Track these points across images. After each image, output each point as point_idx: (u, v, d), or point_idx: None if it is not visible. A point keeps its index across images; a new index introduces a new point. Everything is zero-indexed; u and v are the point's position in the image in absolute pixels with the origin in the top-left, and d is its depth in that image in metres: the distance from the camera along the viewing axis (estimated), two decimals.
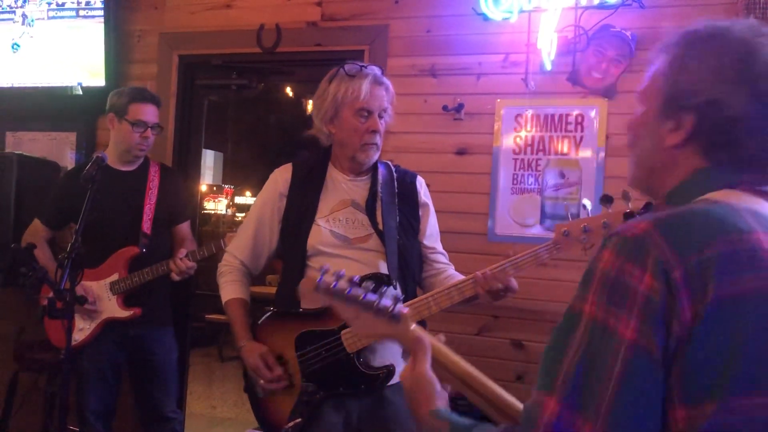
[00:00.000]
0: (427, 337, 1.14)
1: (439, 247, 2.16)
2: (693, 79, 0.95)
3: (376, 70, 2.05)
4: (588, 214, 1.84)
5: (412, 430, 2.01)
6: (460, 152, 2.98)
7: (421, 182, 2.18)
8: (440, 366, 1.12)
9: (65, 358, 2.07)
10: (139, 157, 2.87)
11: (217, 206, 10.09)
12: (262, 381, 1.97)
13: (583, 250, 1.79)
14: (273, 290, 2.25)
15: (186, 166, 3.52)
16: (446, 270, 2.14)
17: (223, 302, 2.12)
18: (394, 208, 2.05)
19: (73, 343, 2.12)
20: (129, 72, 3.54)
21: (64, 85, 3.53)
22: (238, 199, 10.66)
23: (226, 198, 10.27)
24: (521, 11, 2.82)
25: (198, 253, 2.71)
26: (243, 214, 10.13)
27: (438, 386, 1.09)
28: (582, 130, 2.82)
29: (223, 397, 5.43)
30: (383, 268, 1.97)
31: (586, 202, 1.92)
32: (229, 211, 10.26)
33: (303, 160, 2.22)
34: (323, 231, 2.00)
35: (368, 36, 3.14)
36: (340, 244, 2.00)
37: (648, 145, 1.02)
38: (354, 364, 1.91)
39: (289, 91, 7.07)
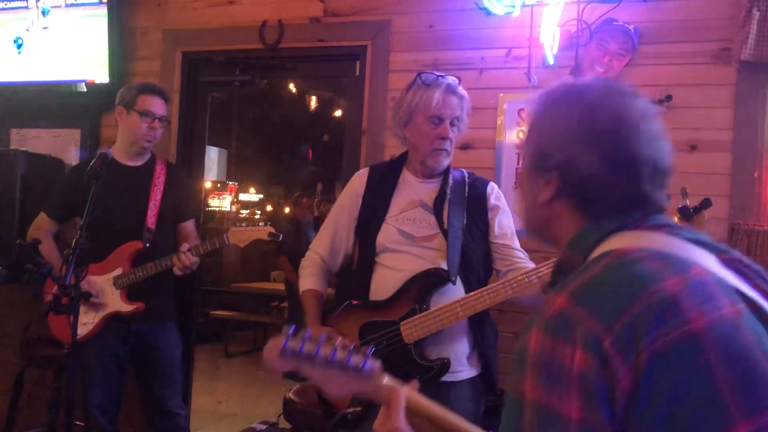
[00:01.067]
0: (400, 390, 1.14)
1: (516, 244, 2.20)
2: (549, 141, 0.99)
3: (451, 80, 2.15)
4: None
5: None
6: (464, 147, 2.98)
7: (492, 187, 2.25)
8: (416, 415, 1.11)
9: (70, 353, 2.09)
10: (146, 149, 2.88)
11: (221, 203, 10.07)
12: None
13: None
14: (277, 286, 2.28)
15: (190, 163, 3.53)
16: (526, 263, 2.16)
17: (300, 293, 2.26)
18: (462, 210, 2.14)
19: (77, 337, 2.13)
20: (133, 69, 3.55)
21: (69, 80, 3.55)
22: (243, 196, 10.65)
23: (230, 195, 10.24)
24: (524, 6, 2.81)
25: (201, 248, 2.71)
26: (247, 211, 10.13)
27: None
28: None
29: (229, 393, 5.44)
30: (444, 266, 2.07)
31: None
32: (234, 208, 10.23)
33: (379, 164, 2.42)
34: (391, 229, 2.14)
35: (371, 31, 3.14)
36: (406, 241, 2.12)
37: (529, 199, 1.05)
38: (410, 355, 2.02)
39: (292, 86, 7.08)
